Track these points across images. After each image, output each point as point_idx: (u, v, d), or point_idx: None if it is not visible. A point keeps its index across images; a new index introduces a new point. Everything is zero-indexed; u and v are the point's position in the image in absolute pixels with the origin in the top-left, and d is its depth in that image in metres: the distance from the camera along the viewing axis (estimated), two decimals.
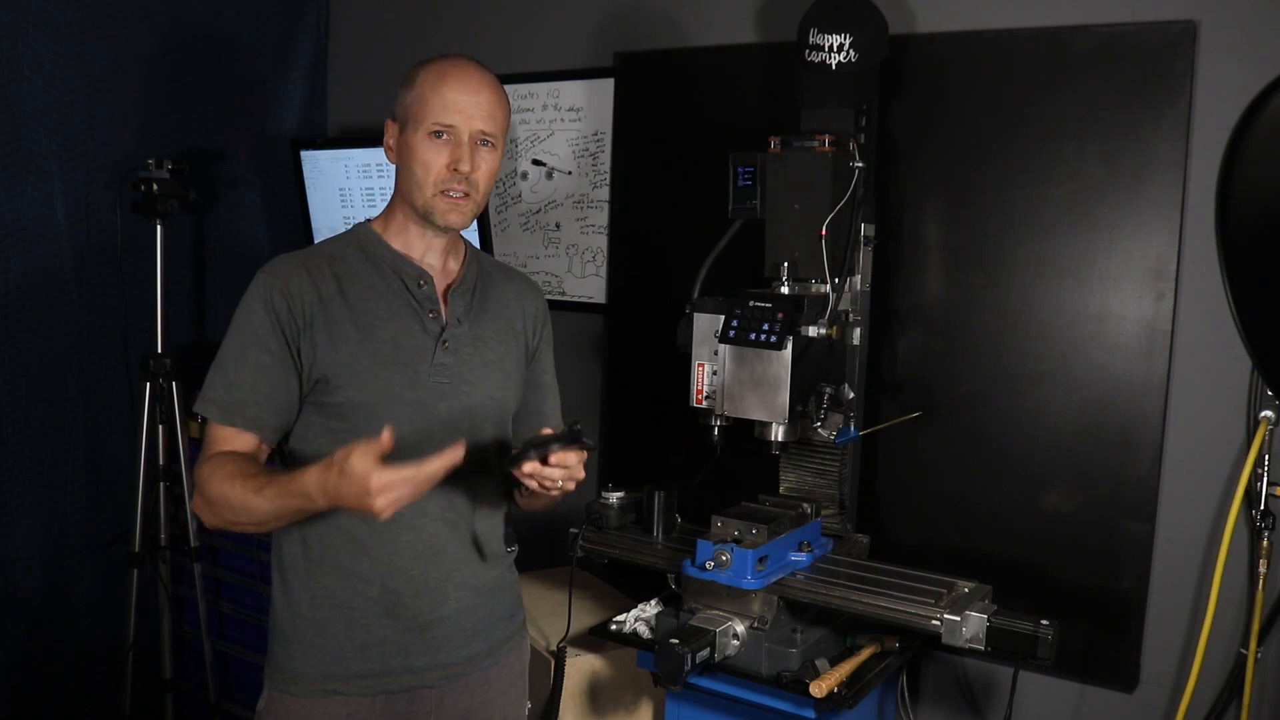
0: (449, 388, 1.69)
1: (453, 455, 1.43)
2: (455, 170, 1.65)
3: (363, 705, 1.69)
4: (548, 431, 1.60)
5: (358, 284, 1.68)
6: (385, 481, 1.39)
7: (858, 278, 2.33)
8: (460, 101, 1.65)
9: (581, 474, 1.60)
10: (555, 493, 1.61)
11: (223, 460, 1.60)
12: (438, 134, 1.64)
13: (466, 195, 1.67)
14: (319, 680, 1.68)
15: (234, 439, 1.63)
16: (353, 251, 1.71)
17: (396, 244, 1.72)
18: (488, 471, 1.74)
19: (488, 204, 3.21)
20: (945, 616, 1.94)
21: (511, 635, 1.85)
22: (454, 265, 1.77)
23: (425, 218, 1.68)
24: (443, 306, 1.71)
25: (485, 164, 1.68)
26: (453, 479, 1.69)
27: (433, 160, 1.65)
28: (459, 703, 1.76)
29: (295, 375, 1.64)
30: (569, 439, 1.55)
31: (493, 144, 1.68)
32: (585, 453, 1.58)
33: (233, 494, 1.55)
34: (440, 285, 1.73)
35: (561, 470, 1.55)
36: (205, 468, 1.60)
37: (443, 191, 1.66)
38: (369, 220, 1.76)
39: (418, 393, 1.67)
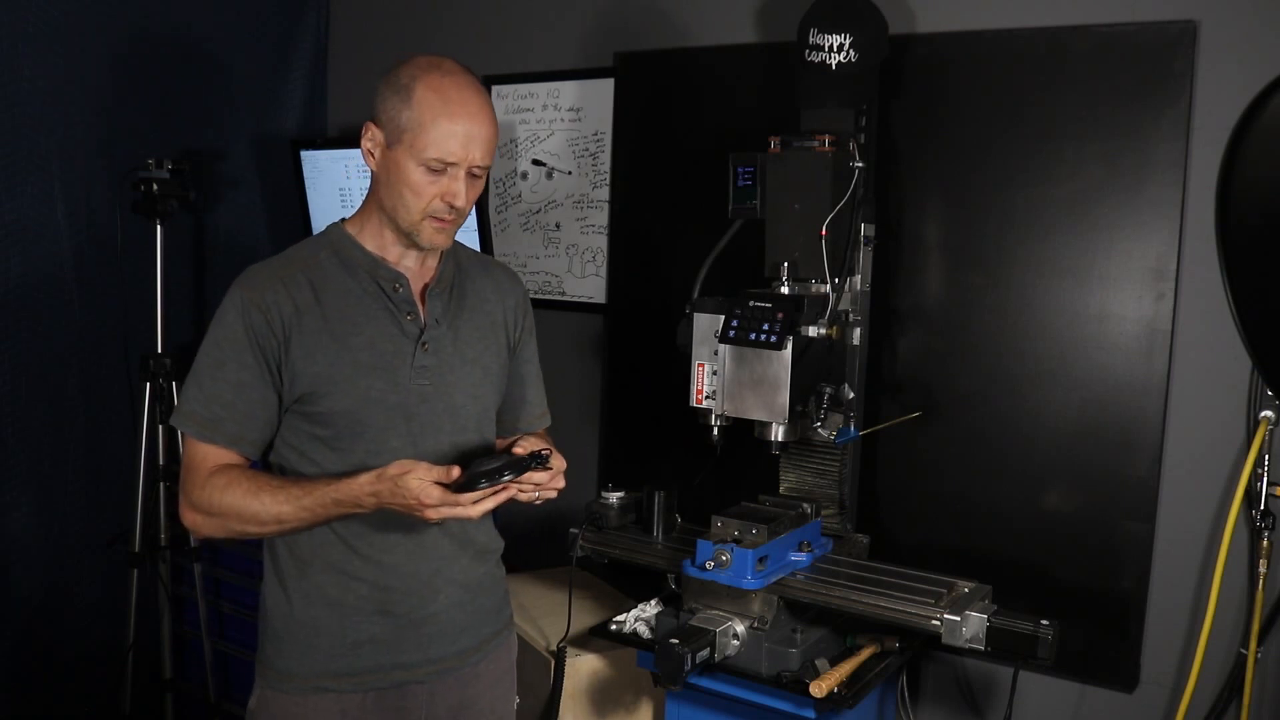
0: (430, 389, 1.68)
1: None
2: (449, 204, 1.61)
3: (354, 702, 1.69)
4: (503, 449, 1.60)
5: (333, 290, 1.65)
6: (436, 500, 1.51)
7: (858, 278, 2.33)
8: (462, 135, 1.58)
9: (561, 483, 1.61)
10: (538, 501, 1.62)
11: (235, 476, 1.60)
12: (435, 168, 1.59)
13: (453, 220, 1.64)
14: (311, 678, 1.68)
15: (216, 456, 1.63)
16: (327, 256, 1.68)
17: (371, 246, 1.69)
18: None
19: (488, 204, 3.24)
20: (945, 616, 1.94)
21: (500, 630, 1.86)
22: (431, 263, 1.73)
23: (408, 236, 1.65)
24: (420, 307, 1.69)
25: (475, 191, 1.64)
26: None
27: (425, 190, 1.60)
28: (449, 697, 1.77)
29: (274, 390, 1.63)
30: (518, 468, 1.53)
31: (485, 171, 1.65)
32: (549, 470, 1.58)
33: (259, 507, 1.57)
34: (417, 285, 1.70)
35: (532, 485, 1.57)
36: (210, 485, 1.60)
37: (432, 216, 1.62)
38: (342, 221, 1.73)
39: (399, 396, 1.66)
